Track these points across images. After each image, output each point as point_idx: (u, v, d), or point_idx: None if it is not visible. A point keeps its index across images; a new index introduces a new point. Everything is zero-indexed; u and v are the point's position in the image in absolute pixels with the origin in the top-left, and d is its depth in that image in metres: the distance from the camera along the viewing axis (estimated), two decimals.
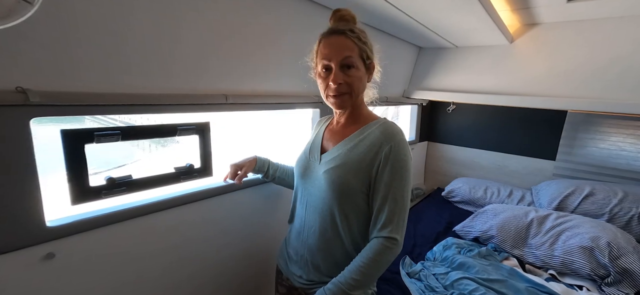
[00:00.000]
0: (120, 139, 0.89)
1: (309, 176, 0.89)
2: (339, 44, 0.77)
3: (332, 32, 0.79)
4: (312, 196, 0.87)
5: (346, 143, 0.83)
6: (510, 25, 1.96)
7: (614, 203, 1.77)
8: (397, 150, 0.76)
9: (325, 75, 0.80)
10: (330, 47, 0.77)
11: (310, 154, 0.92)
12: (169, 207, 1.05)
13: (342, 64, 0.77)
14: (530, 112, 2.29)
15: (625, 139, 1.99)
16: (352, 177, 0.79)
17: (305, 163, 0.92)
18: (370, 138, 0.80)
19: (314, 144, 0.93)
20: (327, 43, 0.79)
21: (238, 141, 1.45)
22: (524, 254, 1.60)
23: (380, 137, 0.79)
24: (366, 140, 0.80)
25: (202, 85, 1.05)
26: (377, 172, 0.77)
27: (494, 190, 2.25)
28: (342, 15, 0.83)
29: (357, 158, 0.79)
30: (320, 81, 0.83)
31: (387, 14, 1.43)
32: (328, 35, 0.79)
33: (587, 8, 1.64)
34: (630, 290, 1.31)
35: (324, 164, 0.84)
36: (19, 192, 0.74)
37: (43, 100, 0.72)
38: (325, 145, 0.90)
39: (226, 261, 1.27)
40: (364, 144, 0.80)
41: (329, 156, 0.85)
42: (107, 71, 0.82)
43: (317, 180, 0.85)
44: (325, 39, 0.79)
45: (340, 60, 0.76)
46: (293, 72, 1.32)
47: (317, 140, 0.93)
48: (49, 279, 0.82)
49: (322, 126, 0.97)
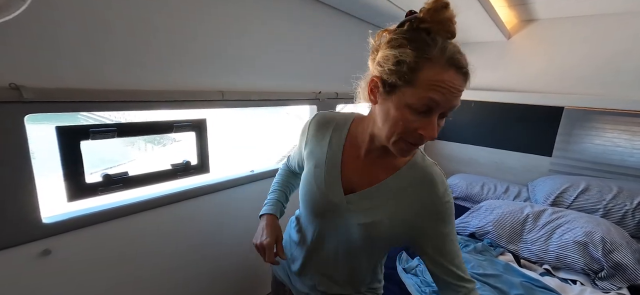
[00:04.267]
0: (116, 136, 0.89)
1: (330, 218, 0.70)
2: (459, 88, 0.53)
3: (458, 66, 0.52)
4: (334, 238, 0.71)
5: (386, 190, 0.65)
6: (508, 21, 1.97)
7: (608, 199, 1.79)
8: (448, 203, 0.64)
9: (414, 118, 0.54)
10: (448, 89, 0.51)
11: (326, 186, 0.69)
12: (166, 203, 1.05)
13: (441, 113, 0.55)
14: (527, 108, 2.29)
15: (621, 135, 2.00)
16: (394, 235, 0.66)
17: (322, 202, 0.69)
18: (415, 186, 0.64)
19: (330, 177, 0.69)
20: (446, 81, 0.51)
21: (235, 138, 1.45)
22: (520, 249, 1.61)
23: (426, 186, 0.64)
24: (411, 190, 0.64)
25: (198, 82, 1.05)
26: (429, 227, 0.64)
27: (490, 187, 2.27)
28: (451, 17, 0.53)
29: (402, 214, 0.64)
30: (398, 117, 0.55)
31: (385, 9, 1.42)
32: (449, 65, 0.51)
33: (584, 4, 1.64)
34: (622, 284, 1.32)
35: (357, 213, 0.66)
36: (15, 189, 0.73)
37: (37, 96, 0.71)
38: (351, 179, 0.68)
39: (223, 256, 1.28)
40: (409, 195, 0.64)
41: (364, 203, 0.66)
42: (103, 68, 0.82)
43: (344, 227, 0.68)
44: (443, 71, 0.51)
45: (448, 109, 0.54)
46: (290, 68, 1.32)
47: (332, 168, 0.69)
48: (45, 276, 0.82)
49: (334, 145, 0.70)
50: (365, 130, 0.66)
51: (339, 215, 0.68)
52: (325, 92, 1.52)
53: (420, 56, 0.51)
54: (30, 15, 0.65)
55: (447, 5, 0.53)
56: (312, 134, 0.74)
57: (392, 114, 0.56)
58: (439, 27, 0.53)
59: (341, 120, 0.73)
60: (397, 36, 0.55)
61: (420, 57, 0.51)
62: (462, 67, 0.53)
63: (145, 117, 1.01)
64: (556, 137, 2.21)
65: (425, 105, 0.52)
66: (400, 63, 0.52)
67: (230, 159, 1.40)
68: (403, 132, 0.55)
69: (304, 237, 0.78)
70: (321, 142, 0.72)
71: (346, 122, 0.72)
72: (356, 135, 0.69)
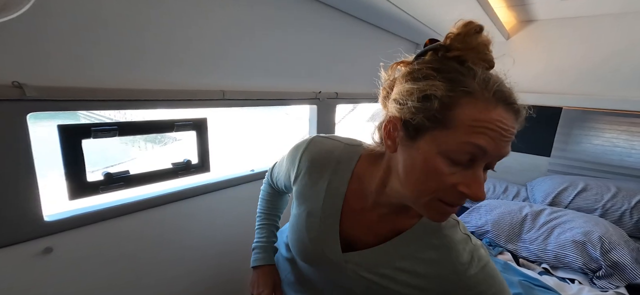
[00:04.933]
0: (117, 135, 0.90)
1: (326, 272, 0.60)
2: (511, 131, 0.41)
3: (507, 102, 0.41)
4: (333, 286, 0.62)
5: (394, 253, 0.52)
6: (507, 21, 1.98)
7: (606, 198, 1.80)
8: (479, 272, 0.48)
9: (453, 168, 0.41)
10: (498, 133, 0.39)
11: (320, 240, 0.57)
12: (167, 202, 1.05)
13: (488, 164, 0.43)
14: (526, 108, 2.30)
15: (619, 136, 2.01)
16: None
17: (314, 255, 0.59)
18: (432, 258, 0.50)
19: (325, 224, 0.56)
20: (495, 122, 0.39)
21: (235, 137, 1.46)
22: (518, 248, 1.62)
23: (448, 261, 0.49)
24: (427, 259, 0.51)
25: (199, 81, 1.05)
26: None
27: (489, 186, 2.28)
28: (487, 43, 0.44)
29: (420, 287, 0.51)
30: (430, 169, 0.41)
31: (384, 10, 1.43)
32: (497, 101, 0.40)
33: (582, 5, 1.65)
34: (620, 283, 1.33)
35: (357, 273, 0.54)
36: (17, 187, 0.74)
37: (40, 95, 0.72)
38: (351, 233, 0.56)
39: (223, 254, 1.28)
40: (425, 267, 0.51)
41: (366, 264, 0.54)
42: (105, 66, 0.82)
43: (342, 281, 0.58)
44: (490, 109, 0.39)
45: (495, 158, 0.42)
46: (290, 68, 1.33)
47: (329, 218, 0.56)
48: (47, 274, 0.83)
49: (333, 191, 0.56)
50: (374, 176, 0.52)
51: (336, 271, 0.57)
52: (325, 92, 1.53)
53: (455, 89, 0.39)
54: (34, 14, 0.65)
55: (480, 30, 0.42)
56: (305, 170, 0.59)
57: (421, 166, 0.42)
58: (473, 56, 0.42)
59: (344, 156, 0.57)
60: (421, 66, 0.43)
61: (455, 90, 0.39)
62: (513, 102, 0.41)
63: (146, 116, 1.01)
64: (555, 137, 2.22)
65: (468, 153, 0.39)
66: (429, 98, 0.40)
67: (230, 158, 1.41)
68: (437, 189, 0.41)
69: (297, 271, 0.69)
70: (316, 185, 0.57)
71: (350, 160, 0.56)
72: (362, 180, 0.54)
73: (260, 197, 0.84)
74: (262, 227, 0.79)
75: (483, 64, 0.43)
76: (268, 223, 0.80)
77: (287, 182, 0.66)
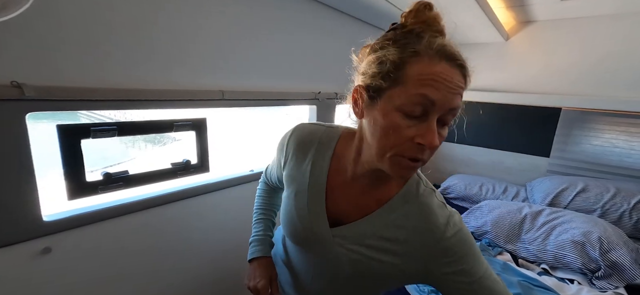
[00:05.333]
0: (116, 135, 0.90)
1: (314, 250, 0.63)
2: (456, 84, 0.45)
3: (449, 58, 0.45)
4: (321, 266, 0.64)
5: (378, 224, 0.56)
6: (506, 22, 1.98)
7: (606, 199, 1.80)
8: (457, 234, 0.53)
9: (408, 123, 0.45)
10: (443, 84, 0.44)
11: (309, 217, 0.60)
12: (166, 202, 1.05)
13: (442, 117, 0.46)
14: (525, 109, 2.31)
15: (618, 136, 2.01)
16: (392, 276, 0.57)
17: (304, 233, 0.62)
18: (410, 228, 0.55)
19: (313, 205, 0.60)
20: (439, 74, 0.44)
21: (235, 137, 1.46)
22: (518, 248, 1.62)
23: (428, 227, 0.53)
24: (404, 229, 0.55)
25: (198, 81, 1.05)
26: (443, 270, 0.53)
27: (489, 187, 2.28)
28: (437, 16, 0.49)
29: (401, 258, 0.55)
30: (389, 124, 0.46)
31: (384, 11, 1.43)
32: (439, 57, 0.44)
33: (581, 6, 1.66)
34: (619, 284, 1.33)
35: (345, 249, 0.57)
36: (16, 186, 0.74)
37: (39, 94, 0.72)
38: (338, 208, 0.59)
39: (222, 254, 1.28)
40: (402, 232, 0.55)
41: (355, 238, 0.57)
42: (104, 67, 0.82)
43: (331, 259, 0.60)
44: (433, 64, 0.44)
45: (448, 111, 0.46)
46: (289, 69, 1.33)
47: (316, 196, 0.60)
48: (46, 274, 0.83)
49: (317, 169, 0.61)
50: (351, 150, 0.57)
51: (325, 247, 0.60)
52: (324, 92, 1.53)
53: (405, 51, 0.45)
54: (32, 14, 0.65)
55: (430, 6, 0.48)
56: (291, 153, 0.64)
57: (381, 123, 0.46)
58: (425, 27, 0.47)
59: (325, 137, 0.62)
60: (380, 40, 0.50)
61: (404, 52, 0.45)
62: (456, 59, 0.45)
63: (145, 116, 1.02)
64: (554, 138, 2.23)
65: (418, 104, 0.44)
66: (383, 63, 0.46)
67: (230, 158, 1.41)
68: (397, 143, 0.46)
69: (289, 259, 0.72)
70: (302, 164, 0.62)
71: (331, 139, 0.62)
72: (342, 157, 0.59)
73: (257, 195, 0.85)
74: (259, 221, 0.80)
75: (435, 33, 0.48)
76: (264, 217, 0.81)
77: (279, 172, 0.69)
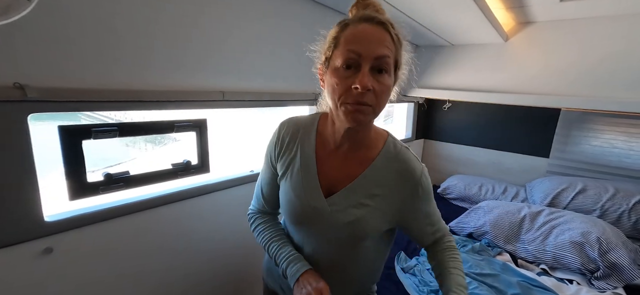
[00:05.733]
0: (117, 135, 0.90)
1: (315, 224, 0.68)
2: (377, 37, 0.57)
3: (367, 19, 0.58)
4: (321, 243, 0.70)
5: (366, 184, 0.66)
6: (505, 23, 1.98)
7: (605, 199, 1.81)
8: (425, 185, 0.68)
9: (346, 74, 0.57)
10: (363, 38, 0.56)
11: (306, 193, 0.67)
12: (167, 203, 1.06)
13: (373, 65, 0.56)
14: (524, 110, 2.32)
15: (617, 137, 2.02)
16: (380, 224, 0.67)
17: (303, 210, 0.68)
18: (394, 177, 0.66)
19: (308, 182, 0.68)
20: (359, 32, 0.57)
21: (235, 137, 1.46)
22: (517, 249, 1.63)
23: (406, 177, 0.66)
24: (389, 179, 0.66)
25: (199, 82, 1.06)
26: (411, 210, 0.68)
27: (488, 187, 2.29)
28: (371, 3, 0.63)
29: (384, 203, 0.66)
30: (334, 81, 0.58)
31: None
32: (360, 21, 0.58)
33: (580, 7, 1.66)
34: (618, 284, 1.34)
35: (341, 212, 0.65)
36: (18, 187, 0.74)
37: (41, 96, 0.72)
38: (329, 179, 0.67)
39: (223, 255, 1.29)
40: (387, 184, 0.66)
41: (348, 201, 0.65)
42: (105, 68, 0.83)
43: (330, 230, 0.67)
44: (355, 27, 0.58)
45: (374, 59, 0.56)
46: (290, 69, 1.33)
47: (309, 175, 0.68)
48: (47, 274, 0.83)
49: (306, 148, 0.70)
50: (329, 122, 0.68)
51: (324, 219, 0.66)
52: None
53: (340, 26, 0.60)
54: (35, 16, 0.66)
55: None
56: (286, 145, 0.72)
57: (329, 81, 0.60)
58: (358, 5, 0.63)
59: (308, 121, 0.73)
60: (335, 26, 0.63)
61: (340, 26, 0.60)
62: (373, 18, 0.58)
63: (146, 116, 1.02)
64: (553, 138, 2.23)
65: (348, 58, 0.56)
66: (329, 40, 0.62)
67: (230, 159, 1.41)
68: (341, 93, 0.58)
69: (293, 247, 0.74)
70: (291, 152, 0.71)
71: (313, 121, 0.72)
72: (325, 131, 0.70)
73: (262, 228, 0.78)
74: (284, 244, 0.74)
75: (364, 6, 0.63)
76: (286, 240, 0.76)
77: (270, 174, 0.75)
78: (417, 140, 2.81)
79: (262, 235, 0.76)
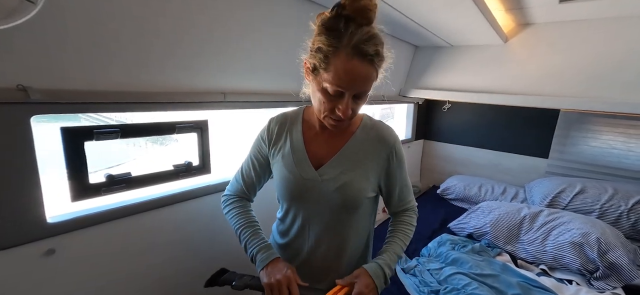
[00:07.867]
0: (119, 137, 0.91)
1: (309, 196, 0.77)
2: (364, 76, 0.62)
3: (358, 54, 0.59)
4: (317, 215, 0.78)
5: (349, 153, 0.76)
6: (505, 25, 1.99)
7: (604, 200, 1.82)
8: (399, 150, 0.79)
9: (332, 98, 0.65)
10: (352, 77, 0.61)
11: (297, 168, 0.77)
12: (168, 204, 1.06)
13: (355, 95, 0.65)
14: (524, 110, 2.32)
15: (616, 138, 2.03)
16: (365, 185, 0.76)
17: (297, 184, 0.76)
18: (372, 143, 0.77)
19: (298, 159, 0.78)
20: (349, 70, 0.60)
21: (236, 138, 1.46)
22: (517, 249, 1.63)
23: (383, 142, 0.77)
24: (368, 146, 0.77)
25: (200, 83, 1.06)
26: (387, 172, 0.79)
27: (488, 188, 2.29)
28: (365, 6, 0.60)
29: (366, 167, 0.76)
30: (321, 98, 0.66)
31: (385, 13, 1.44)
32: (352, 55, 0.59)
33: (580, 9, 1.67)
34: (617, 284, 1.35)
35: (331, 180, 0.75)
36: (20, 189, 0.75)
37: (43, 98, 0.73)
38: (318, 156, 0.77)
39: (223, 256, 1.29)
40: (367, 150, 0.77)
41: (335, 170, 0.75)
42: (107, 70, 0.83)
43: (323, 199, 0.76)
44: (348, 60, 0.59)
45: (358, 93, 0.65)
46: (291, 70, 1.34)
47: (299, 153, 0.78)
48: (50, 275, 0.83)
49: (295, 133, 0.80)
50: (313, 110, 0.77)
51: (316, 190, 0.76)
52: None
53: (331, 45, 0.60)
54: (38, 19, 0.66)
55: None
56: (271, 134, 0.82)
57: (316, 93, 0.68)
58: (357, 14, 0.60)
59: (294, 114, 0.84)
60: (321, 23, 0.63)
61: (331, 45, 0.60)
62: (366, 54, 0.60)
63: (148, 118, 1.02)
64: (552, 139, 2.24)
65: (335, 92, 0.63)
66: (319, 50, 0.62)
67: (231, 160, 1.41)
68: (325, 110, 0.67)
69: (289, 233, 0.84)
70: (282, 136, 0.81)
71: (299, 113, 0.83)
72: (310, 118, 0.81)
73: (234, 213, 0.84)
74: (256, 233, 0.81)
75: (363, 20, 0.61)
76: (258, 229, 0.82)
77: (259, 161, 0.84)
78: (416, 141, 2.82)
79: (235, 220, 0.83)
